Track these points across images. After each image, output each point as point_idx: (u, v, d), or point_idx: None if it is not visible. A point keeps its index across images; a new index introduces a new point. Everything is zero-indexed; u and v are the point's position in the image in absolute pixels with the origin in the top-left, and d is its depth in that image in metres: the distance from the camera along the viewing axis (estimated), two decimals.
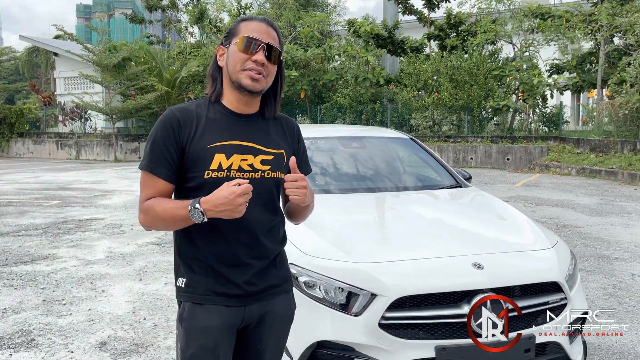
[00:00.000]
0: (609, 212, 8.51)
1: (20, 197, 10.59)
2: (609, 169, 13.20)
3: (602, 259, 5.65)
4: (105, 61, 19.71)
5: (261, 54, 1.61)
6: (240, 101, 1.68)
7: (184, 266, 1.70)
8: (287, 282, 1.85)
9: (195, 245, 1.67)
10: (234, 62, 1.62)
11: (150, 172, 1.61)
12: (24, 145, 23.95)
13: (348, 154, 4.17)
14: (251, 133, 1.69)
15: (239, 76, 1.61)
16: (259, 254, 1.69)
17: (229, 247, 1.65)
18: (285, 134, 1.79)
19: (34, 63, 40.12)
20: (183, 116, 1.64)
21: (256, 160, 1.66)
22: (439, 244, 2.82)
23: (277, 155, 1.71)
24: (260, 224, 1.68)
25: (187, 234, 1.66)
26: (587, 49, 17.97)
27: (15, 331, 3.78)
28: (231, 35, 1.67)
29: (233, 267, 1.66)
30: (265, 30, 1.65)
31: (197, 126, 1.63)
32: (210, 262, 1.66)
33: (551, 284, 2.65)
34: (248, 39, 1.61)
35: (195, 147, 1.60)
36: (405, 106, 18.57)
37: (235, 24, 1.68)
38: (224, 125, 1.66)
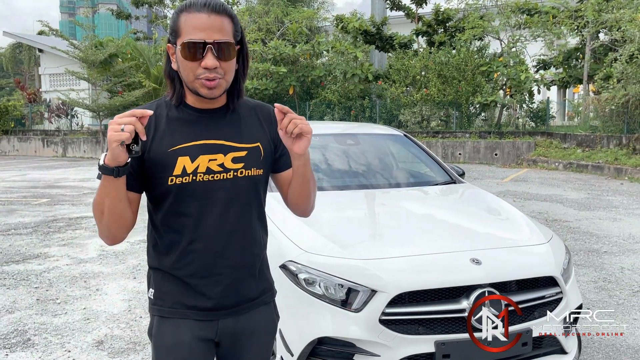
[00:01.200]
0: (596, 206, 8.62)
1: (7, 195, 10.48)
2: (595, 163, 13.37)
3: (592, 252, 5.74)
4: (91, 57, 19.49)
5: (210, 58, 1.39)
6: (203, 100, 1.50)
7: (153, 275, 1.57)
8: (266, 294, 1.66)
9: (163, 253, 1.53)
10: (185, 72, 1.43)
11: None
12: (9, 142, 23.65)
13: (343, 151, 4.19)
14: (219, 129, 1.51)
15: (194, 85, 1.43)
16: (234, 262, 1.53)
17: (200, 254, 1.50)
18: (261, 123, 1.60)
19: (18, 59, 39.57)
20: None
21: (227, 159, 1.49)
22: (437, 240, 2.85)
23: (251, 149, 1.54)
24: (235, 229, 1.52)
25: (156, 240, 1.53)
26: (574, 44, 18.15)
27: (10, 331, 3.76)
28: (174, 32, 1.44)
29: (204, 278, 1.51)
30: (207, 23, 1.39)
31: (156, 128, 1.47)
32: (179, 272, 1.51)
33: (547, 278, 2.70)
34: (190, 44, 1.38)
35: (155, 152, 1.44)
36: (394, 102, 18.62)
37: (175, 17, 1.44)
38: (186, 125, 1.49)
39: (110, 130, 1.26)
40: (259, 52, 19.45)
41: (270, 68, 18.56)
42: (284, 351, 2.72)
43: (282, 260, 2.80)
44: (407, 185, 3.96)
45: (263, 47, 19.56)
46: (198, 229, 1.48)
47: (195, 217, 1.47)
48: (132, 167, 1.41)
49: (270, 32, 23.07)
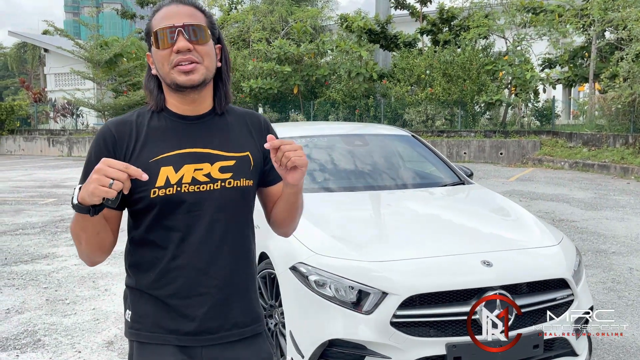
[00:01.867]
0: (603, 206, 8.60)
1: (15, 195, 10.52)
2: (601, 162, 13.32)
3: (600, 253, 5.72)
4: (96, 57, 19.58)
5: (181, 40, 1.33)
6: (185, 101, 1.41)
7: (130, 295, 1.45)
8: (257, 323, 1.51)
9: (142, 270, 1.41)
10: (160, 64, 1.37)
11: None
12: (15, 142, 23.73)
13: (350, 152, 4.19)
14: (205, 137, 1.42)
15: (171, 76, 1.36)
16: (219, 281, 1.41)
17: (183, 272, 1.38)
18: (251, 132, 1.51)
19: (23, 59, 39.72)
20: (119, 130, 1.39)
21: (214, 169, 1.39)
22: (447, 242, 2.85)
23: (239, 159, 1.44)
24: (222, 245, 1.41)
25: (135, 256, 1.43)
26: (579, 43, 18.08)
27: (20, 331, 3.78)
28: (148, 34, 1.41)
29: (187, 298, 1.39)
30: (175, 11, 1.37)
31: (137, 139, 1.38)
32: (159, 292, 1.39)
33: (558, 280, 2.70)
34: (160, 31, 1.34)
35: (135, 163, 1.32)
36: (398, 101, 18.60)
37: (149, 21, 1.42)
38: (170, 133, 1.40)
39: (95, 181, 1.15)
40: (263, 52, 19.47)
41: (275, 67, 18.57)
42: (295, 353, 2.72)
43: (292, 261, 2.80)
44: (415, 186, 3.96)
45: (267, 47, 19.58)
46: (183, 244, 1.37)
47: (182, 231, 1.37)
48: None
49: (275, 31, 23.08)
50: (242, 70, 19.69)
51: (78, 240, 1.33)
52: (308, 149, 4.18)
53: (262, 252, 3.17)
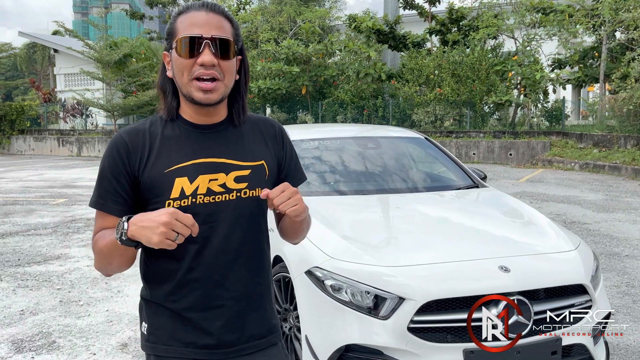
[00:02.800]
0: (615, 208, 8.53)
1: (26, 195, 10.59)
2: (612, 164, 13.22)
3: (613, 256, 5.68)
4: (106, 58, 19.67)
5: (207, 54, 1.29)
6: (200, 112, 1.38)
7: (146, 308, 1.44)
8: (273, 334, 1.50)
9: (157, 283, 1.40)
10: (180, 72, 1.32)
11: (100, 209, 1.36)
12: (25, 142, 23.91)
13: (364, 155, 4.18)
14: (220, 146, 1.39)
15: (188, 89, 1.32)
16: (236, 293, 1.40)
17: (199, 284, 1.37)
18: (265, 140, 1.49)
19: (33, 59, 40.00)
20: (132, 139, 1.37)
21: (229, 179, 1.37)
22: (464, 247, 2.83)
23: (255, 168, 1.42)
24: (238, 256, 1.40)
25: (149, 268, 1.42)
26: (589, 43, 17.96)
27: (35, 333, 3.80)
28: (170, 36, 1.35)
29: (203, 311, 1.38)
30: (205, 19, 1.31)
31: (150, 149, 1.36)
32: (175, 305, 1.38)
33: (577, 286, 2.68)
34: (186, 40, 1.29)
35: (149, 174, 1.33)
36: (407, 101, 18.56)
37: (172, 21, 1.36)
38: (184, 143, 1.37)
39: (162, 234, 1.15)
40: (271, 52, 19.49)
41: (283, 67, 18.59)
42: (311, 357, 2.72)
43: (308, 266, 2.80)
44: (429, 189, 3.94)
45: (275, 47, 19.59)
46: (199, 256, 1.35)
47: (198, 243, 1.35)
48: (125, 193, 1.34)
49: (283, 31, 23.10)
50: (251, 70, 19.68)
51: (108, 261, 1.33)
52: (319, 151, 4.17)
53: (277, 256, 3.16)
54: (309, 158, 4.09)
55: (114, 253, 1.28)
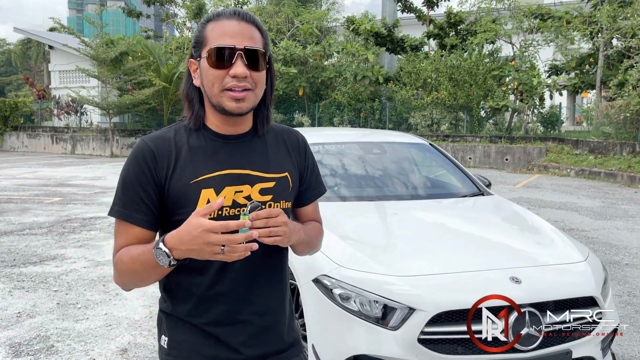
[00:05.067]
0: (613, 215, 8.55)
1: (20, 193, 10.48)
2: (608, 170, 13.27)
3: (613, 264, 5.67)
4: (102, 55, 19.51)
5: (240, 65, 1.26)
6: (227, 122, 1.35)
7: (166, 321, 1.40)
8: (294, 346, 1.48)
9: (178, 297, 1.36)
10: (210, 83, 1.28)
11: (124, 220, 1.30)
12: (19, 139, 23.72)
13: (370, 161, 4.15)
14: (245, 157, 1.36)
15: (219, 99, 1.28)
16: (260, 308, 1.38)
17: (223, 300, 1.34)
18: (289, 151, 1.46)
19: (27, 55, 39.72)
20: (158, 147, 1.32)
21: (254, 191, 1.34)
22: (474, 257, 2.80)
23: (279, 180, 1.39)
24: (262, 270, 1.37)
25: (170, 282, 1.37)
26: (586, 50, 18.04)
27: (32, 337, 3.73)
28: (199, 44, 1.31)
29: (227, 326, 1.35)
30: (237, 29, 1.27)
31: (177, 158, 1.32)
32: (197, 320, 1.36)
33: (587, 298, 2.65)
34: (218, 50, 1.26)
35: (176, 184, 1.30)
36: (404, 105, 18.57)
37: (201, 28, 1.32)
38: (209, 153, 1.33)
39: (209, 253, 1.14)
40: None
41: (281, 69, 18.54)
42: None
43: (315, 274, 2.76)
44: (434, 197, 3.91)
45: (273, 48, 19.53)
46: (224, 270, 1.32)
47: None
48: (151, 203, 1.30)
49: (281, 32, 23.06)
50: None
51: (139, 279, 1.29)
52: (320, 155, 4.12)
53: None
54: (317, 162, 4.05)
55: (154, 273, 1.25)
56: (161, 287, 1.41)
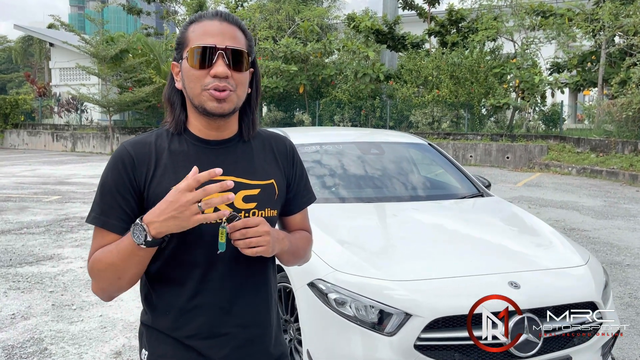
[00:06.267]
0: (614, 215, 8.49)
1: (18, 191, 10.45)
2: (610, 169, 13.20)
3: (614, 265, 5.62)
4: (102, 53, 19.47)
5: (220, 64, 1.23)
6: (210, 126, 1.31)
7: (146, 334, 1.35)
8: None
9: (159, 309, 1.31)
10: (191, 83, 1.25)
11: (101, 227, 1.25)
12: (19, 136, 23.70)
13: (367, 162, 4.09)
14: (229, 163, 1.31)
15: (200, 99, 1.25)
16: (243, 320, 1.33)
17: (204, 311, 1.29)
18: (276, 157, 1.42)
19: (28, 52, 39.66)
20: (138, 152, 1.28)
21: (237, 198, 1.29)
22: (472, 260, 2.75)
23: (264, 187, 1.35)
24: (246, 280, 1.32)
25: (151, 293, 1.33)
26: (588, 48, 17.94)
27: (26, 339, 3.69)
28: (181, 45, 1.29)
29: (208, 339, 1.30)
30: (219, 29, 1.25)
31: (157, 163, 1.28)
32: (178, 333, 1.30)
33: (587, 302, 2.60)
34: (198, 49, 1.23)
35: (156, 190, 1.25)
36: (404, 102, 18.49)
37: (184, 29, 1.29)
38: (192, 158, 1.29)
39: (185, 207, 1.10)
40: (269, 50, 19.37)
41: (281, 66, 18.47)
42: None
43: (310, 277, 2.71)
44: (433, 198, 3.85)
45: (274, 45, 19.47)
46: (204, 281, 1.28)
47: (203, 266, 1.27)
48: (130, 209, 1.25)
49: (281, 29, 22.96)
50: None
51: (118, 275, 1.22)
52: (317, 155, 4.08)
53: (277, 265, 3.07)
54: (310, 163, 4.00)
55: (131, 262, 1.19)
56: (143, 299, 1.36)
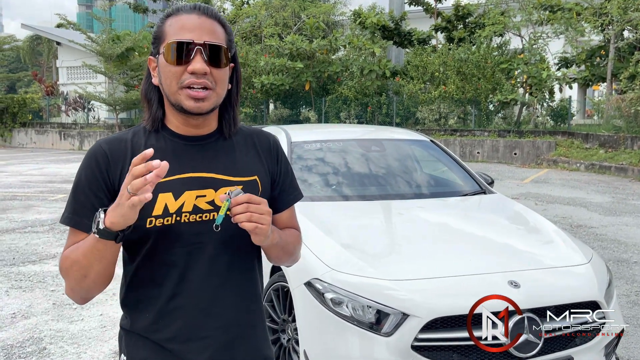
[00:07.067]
0: (622, 211, 8.38)
1: (25, 190, 10.49)
2: (619, 165, 13.05)
3: (621, 262, 5.54)
4: (108, 51, 19.54)
5: (199, 61, 1.18)
6: (188, 123, 1.27)
7: (125, 338, 1.32)
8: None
9: (137, 311, 1.28)
10: (167, 80, 1.20)
11: (74, 227, 1.21)
12: (27, 135, 23.83)
13: (367, 159, 4.04)
14: (209, 160, 1.28)
15: (177, 97, 1.20)
16: (224, 322, 1.28)
17: (183, 313, 1.25)
18: (259, 154, 1.37)
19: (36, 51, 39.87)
20: (113, 149, 1.24)
21: (218, 196, 1.24)
22: (471, 259, 2.70)
23: (247, 184, 1.29)
24: (226, 280, 1.28)
25: (128, 294, 1.30)
26: (597, 42, 17.75)
27: (25, 338, 3.68)
28: (158, 40, 1.24)
29: (188, 342, 1.25)
30: (197, 23, 1.20)
31: (132, 161, 1.21)
32: (156, 335, 1.27)
33: (589, 302, 2.54)
34: (175, 45, 1.18)
35: None
36: (411, 99, 18.39)
37: (160, 23, 1.25)
38: (169, 155, 1.23)
39: (122, 195, 1.04)
40: (275, 47, 19.32)
41: (287, 63, 18.42)
42: None
43: (308, 277, 2.67)
44: (434, 195, 3.80)
45: (279, 42, 19.42)
46: (182, 281, 1.23)
47: (181, 266, 1.23)
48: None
49: (287, 26, 22.92)
50: (254, 66, 19.57)
51: (83, 273, 1.17)
52: (321, 154, 4.04)
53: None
54: (311, 160, 3.96)
55: (92, 257, 1.14)
56: (121, 302, 1.33)
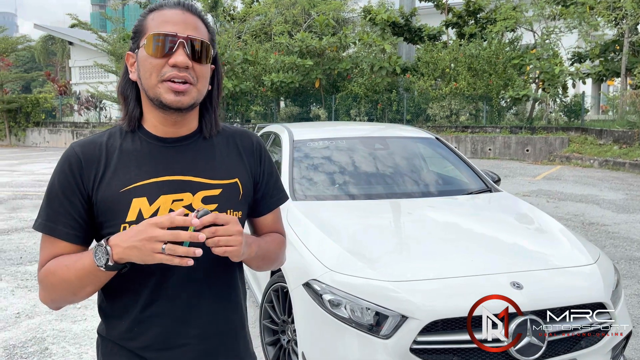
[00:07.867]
0: (636, 208, 8.22)
1: (36, 189, 10.57)
2: (633, 161, 12.83)
3: (634, 261, 5.42)
4: (119, 50, 19.65)
5: (181, 53, 1.15)
6: (166, 122, 1.22)
7: (102, 346, 1.29)
8: None
9: (112, 318, 1.24)
10: (147, 73, 1.16)
11: (48, 234, 1.18)
12: (40, 134, 24.04)
13: (372, 157, 3.98)
14: (187, 162, 1.23)
15: (157, 91, 1.16)
16: (203, 330, 1.24)
17: (159, 321, 1.21)
18: (241, 154, 1.32)
19: (50, 51, 40.26)
20: (86, 153, 1.20)
21: (196, 199, 1.20)
22: (473, 260, 2.63)
23: (227, 187, 1.25)
24: (204, 288, 1.24)
25: (105, 302, 1.26)
26: (611, 37, 17.46)
27: (28, 338, 3.68)
28: (138, 34, 1.20)
29: (164, 350, 1.22)
30: (181, 18, 1.17)
31: (107, 164, 1.19)
32: (131, 343, 1.23)
33: (595, 303, 2.47)
34: (158, 37, 1.14)
35: (105, 194, 1.17)
36: (422, 95, 18.26)
37: (142, 18, 1.22)
38: (145, 158, 1.20)
39: (149, 252, 1.03)
40: (285, 45, 19.29)
41: (297, 61, 18.37)
42: None
43: (306, 278, 2.63)
44: (438, 193, 3.73)
45: (289, 40, 19.38)
46: (159, 288, 1.20)
47: (157, 274, 1.19)
48: (78, 214, 1.17)
49: (297, 24, 22.87)
50: (264, 63, 19.55)
51: (72, 292, 1.15)
52: (324, 153, 3.99)
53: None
54: (314, 159, 3.91)
55: (88, 281, 1.12)
56: (98, 308, 1.30)
